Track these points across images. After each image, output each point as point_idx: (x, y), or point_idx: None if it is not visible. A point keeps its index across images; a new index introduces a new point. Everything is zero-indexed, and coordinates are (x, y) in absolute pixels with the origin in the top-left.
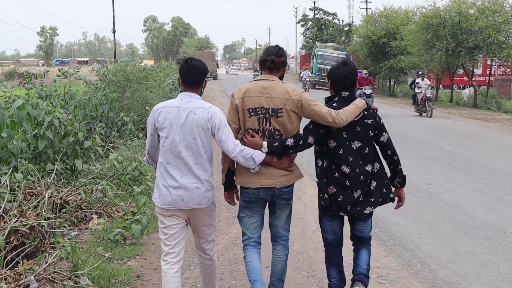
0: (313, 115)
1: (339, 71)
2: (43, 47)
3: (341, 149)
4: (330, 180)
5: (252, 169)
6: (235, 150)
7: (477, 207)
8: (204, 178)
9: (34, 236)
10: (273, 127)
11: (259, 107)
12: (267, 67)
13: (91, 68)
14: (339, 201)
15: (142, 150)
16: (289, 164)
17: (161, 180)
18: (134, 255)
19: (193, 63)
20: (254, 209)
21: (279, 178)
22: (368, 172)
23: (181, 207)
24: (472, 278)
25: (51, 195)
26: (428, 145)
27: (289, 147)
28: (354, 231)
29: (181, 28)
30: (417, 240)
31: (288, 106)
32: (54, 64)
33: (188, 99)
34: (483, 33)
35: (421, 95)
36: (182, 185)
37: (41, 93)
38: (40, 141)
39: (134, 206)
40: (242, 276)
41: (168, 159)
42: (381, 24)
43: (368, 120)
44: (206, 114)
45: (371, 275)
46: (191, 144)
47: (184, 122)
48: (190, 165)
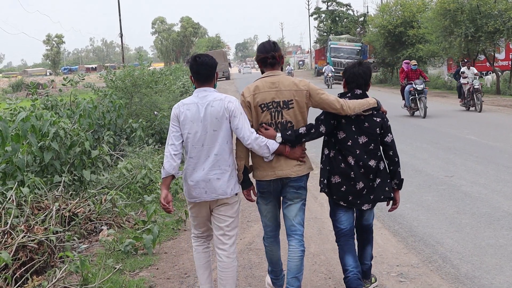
0: (322, 103)
1: (354, 70)
2: (50, 55)
3: (350, 141)
4: (335, 170)
5: (265, 158)
6: (250, 137)
7: (500, 198)
8: (225, 168)
9: (42, 251)
10: (285, 119)
11: (270, 102)
12: (270, 64)
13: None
14: (342, 191)
15: (152, 157)
16: (301, 153)
17: (186, 174)
18: (146, 266)
19: (201, 60)
20: (268, 199)
21: (293, 168)
22: (371, 167)
23: (206, 198)
24: (495, 272)
25: (59, 208)
26: (449, 136)
27: (302, 135)
28: (362, 220)
29: (190, 28)
30: (438, 235)
31: (298, 97)
32: (62, 72)
33: (204, 94)
34: (503, 16)
35: (467, 86)
36: (204, 178)
37: (46, 104)
38: (46, 153)
39: (145, 215)
40: (257, 281)
41: (191, 153)
42: (397, 12)
43: (377, 119)
44: (223, 104)
45: (390, 274)
46: (212, 136)
47: (204, 115)
48: (212, 156)
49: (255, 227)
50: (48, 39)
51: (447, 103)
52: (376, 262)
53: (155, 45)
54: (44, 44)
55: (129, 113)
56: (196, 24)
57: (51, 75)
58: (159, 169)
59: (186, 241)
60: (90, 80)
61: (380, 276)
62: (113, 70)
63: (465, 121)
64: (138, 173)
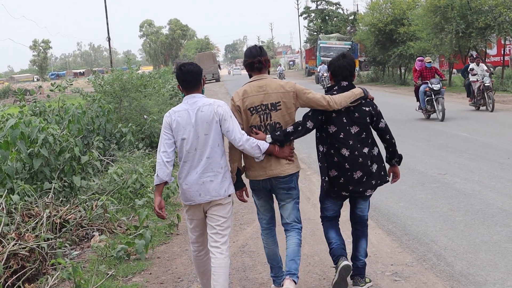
0: (309, 102)
1: (339, 63)
2: (37, 61)
3: (342, 133)
4: (330, 164)
5: (256, 158)
6: (241, 139)
7: (494, 194)
8: (218, 170)
9: (34, 258)
10: (274, 121)
11: (259, 105)
12: (256, 68)
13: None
14: (341, 182)
15: (143, 161)
16: (289, 152)
17: (180, 178)
18: (139, 271)
19: (186, 68)
20: (260, 195)
21: (283, 167)
22: (366, 154)
23: (200, 201)
24: (490, 268)
25: (49, 215)
26: (441, 133)
27: (290, 133)
28: (356, 211)
29: (179, 30)
30: (432, 233)
31: (285, 98)
32: (49, 78)
33: (193, 100)
34: (494, 12)
35: (477, 84)
36: (198, 181)
37: (34, 110)
38: (35, 159)
39: (137, 220)
40: (251, 284)
41: (185, 158)
42: (387, 10)
43: (366, 108)
44: (213, 108)
45: (384, 273)
46: (204, 140)
47: (195, 121)
48: (204, 160)
49: (248, 230)
50: (35, 45)
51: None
52: (370, 261)
53: (144, 48)
54: (31, 49)
55: (118, 117)
56: (185, 26)
57: (38, 81)
58: (150, 173)
59: (179, 246)
60: (78, 85)
61: (374, 275)
62: (102, 74)
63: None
64: (128, 178)
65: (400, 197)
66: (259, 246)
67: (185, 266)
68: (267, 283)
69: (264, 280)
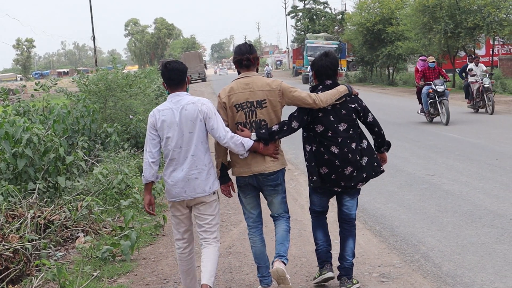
0: (295, 100)
1: (321, 62)
2: (20, 60)
3: (330, 131)
4: (320, 162)
5: (241, 155)
6: (226, 136)
7: (482, 195)
8: (202, 167)
9: (18, 259)
10: (259, 118)
11: (244, 102)
12: (245, 66)
13: (72, 79)
14: (333, 179)
15: (128, 162)
16: (274, 150)
17: (165, 176)
18: (124, 272)
19: (171, 66)
20: (247, 192)
21: (268, 164)
22: (354, 150)
23: (185, 198)
24: (477, 269)
25: (34, 215)
26: (430, 134)
27: (275, 132)
28: (343, 209)
29: (164, 29)
30: (419, 234)
31: (271, 96)
32: (33, 77)
33: (177, 98)
34: (483, 12)
35: (476, 85)
36: (183, 178)
37: (18, 110)
38: (19, 160)
39: (122, 221)
40: (238, 285)
41: (171, 156)
42: (375, 10)
43: (351, 105)
44: (197, 107)
45: (372, 274)
46: (188, 138)
47: (179, 119)
48: (189, 157)
49: (234, 231)
50: (18, 44)
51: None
52: (357, 262)
53: (129, 48)
54: (14, 48)
55: (103, 117)
56: (171, 25)
57: (21, 80)
58: (136, 174)
59: (165, 247)
60: (62, 85)
61: (362, 276)
62: (86, 74)
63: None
64: (114, 178)
65: (388, 198)
66: (246, 247)
67: (171, 267)
68: (254, 284)
69: (251, 281)
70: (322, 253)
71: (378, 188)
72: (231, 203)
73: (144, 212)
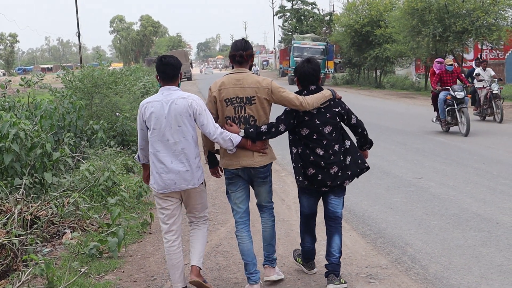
0: (282, 100)
1: (304, 69)
2: (3, 55)
3: (315, 134)
4: (307, 164)
5: (229, 150)
6: (215, 132)
7: (469, 199)
8: (192, 161)
9: (5, 254)
10: (248, 114)
11: (234, 97)
12: (237, 62)
13: (56, 75)
14: (319, 179)
15: (115, 159)
16: (261, 147)
17: (154, 168)
18: (111, 269)
19: (167, 60)
20: (237, 185)
21: (256, 159)
22: (337, 152)
23: (175, 189)
24: (464, 272)
25: (20, 211)
26: (417, 137)
27: (263, 133)
28: (328, 207)
29: (150, 27)
30: (406, 236)
31: (260, 94)
32: (16, 73)
33: (168, 92)
34: (471, 16)
35: (484, 91)
36: (172, 170)
37: (3, 105)
38: (5, 155)
39: (108, 218)
40: (225, 283)
41: (157, 148)
42: (364, 11)
43: (335, 109)
44: (186, 102)
45: (359, 275)
46: (177, 131)
47: (168, 112)
48: (178, 150)
49: (221, 230)
50: (1, 38)
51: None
52: (345, 263)
53: (114, 45)
54: None
55: (89, 114)
56: (157, 23)
57: (4, 75)
58: (122, 171)
59: (152, 244)
60: (46, 81)
61: (349, 277)
62: (71, 70)
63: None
64: (100, 175)
65: (375, 200)
66: (233, 246)
67: (159, 265)
68: (242, 283)
69: (239, 280)
70: (308, 251)
71: (366, 190)
72: (218, 202)
73: (130, 209)
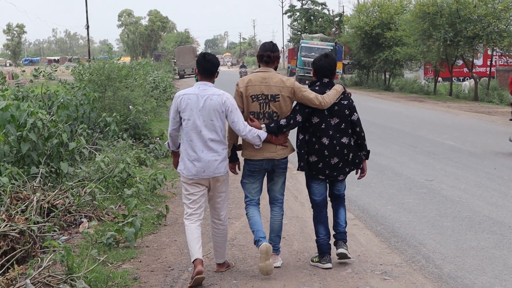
0: (303, 99)
1: (321, 63)
2: (10, 46)
3: (323, 124)
4: (311, 151)
5: (256, 146)
6: (245, 130)
7: (481, 202)
8: (220, 151)
9: (24, 241)
10: (272, 110)
11: (260, 94)
12: (264, 61)
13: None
14: (319, 167)
15: (129, 152)
16: (284, 140)
17: (186, 155)
18: (128, 258)
19: (209, 57)
20: (256, 177)
21: (278, 151)
22: (344, 144)
23: (204, 176)
24: (478, 272)
25: (38, 199)
26: (427, 140)
27: (283, 126)
28: (333, 190)
29: (158, 22)
30: (420, 236)
31: (284, 92)
32: (22, 63)
33: (204, 87)
34: (483, 22)
35: None
36: (203, 159)
37: (17, 95)
38: (23, 143)
39: (123, 209)
40: (242, 276)
41: (190, 137)
42: (374, 13)
43: (344, 101)
44: (221, 99)
45: (374, 272)
46: (209, 124)
47: (203, 106)
48: (209, 141)
49: (236, 224)
50: (9, 29)
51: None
52: (359, 260)
53: (121, 39)
54: (5, 33)
55: (102, 107)
56: (165, 18)
57: (11, 66)
58: (135, 164)
59: (168, 236)
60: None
61: (364, 273)
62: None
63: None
64: (115, 167)
65: (387, 200)
66: (249, 240)
67: (175, 256)
68: (258, 276)
69: (255, 273)
70: (323, 245)
71: (379, 191)
72: (232, 197)
73: (145, 201)
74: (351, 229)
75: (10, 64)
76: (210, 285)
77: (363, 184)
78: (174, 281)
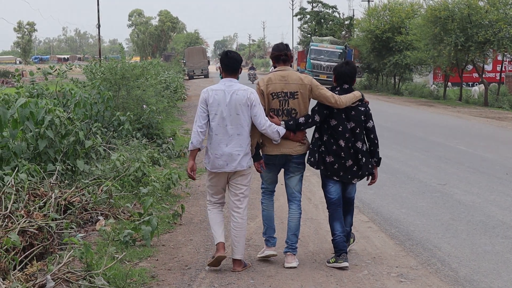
0: (320, 96)
1: (342, 69)
2: (20, 43)
3: (340, 126)
4: (328, 151)
5: (275, 141)
6: (265, 124)
7: (494, 207)
8: (244, 146)
9: (42, 237)
10: (291, 107)
11: (280, 92)
12: (282, 60)
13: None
14: (335, 168)
15: (143, 151)
16: (301, 137)
17: (210, 148)
18: (145, 257)
19: (232, 55)
20: (271, 169)
21: (295, 148)
22: (358, 148)
23: (226, 170)
24: (493, 276)
25: (56, 196)
26: (439, 145)
27: (301, 124)
28: (345, 193)
29: (168, 22)
30: (435, 239)
31: (302, 89)
32: (32, 61)
33: (230, 83)
34: (494, 27)
35: None
36: (227, 153)
37: (32, 92)
38: (40, 140)
39: (139, 207)
40: (259, 275)
41: (216, 131)
42: (385, 17)
43: (362, 108)
44: (246, 94)
45: (390, 274)
46: (235, 118)
47: (229, 101)
48: (234, 135)
49: (251, 225)
50: (19, 27)
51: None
52: (375, 262)
53: (131, 38)
54: (15, 31)
55: (115, 106)
56: (175, 18)
57: (21, 63)
58: (149, 163)
59: (183, 235)
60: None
61: (380, 276)
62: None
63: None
64: (131, 166)
65: (401, 204)
66: (264, 241)
67: (191, 255)
68: (275, 276)
69: (272, 273)
70: (339, 243)
71: (393, 194)
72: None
73: (160, 200)
74: (366, 232)
75: (20, 62)
76: (227, 284)
77: (376, 187)
78: (192, 279)
